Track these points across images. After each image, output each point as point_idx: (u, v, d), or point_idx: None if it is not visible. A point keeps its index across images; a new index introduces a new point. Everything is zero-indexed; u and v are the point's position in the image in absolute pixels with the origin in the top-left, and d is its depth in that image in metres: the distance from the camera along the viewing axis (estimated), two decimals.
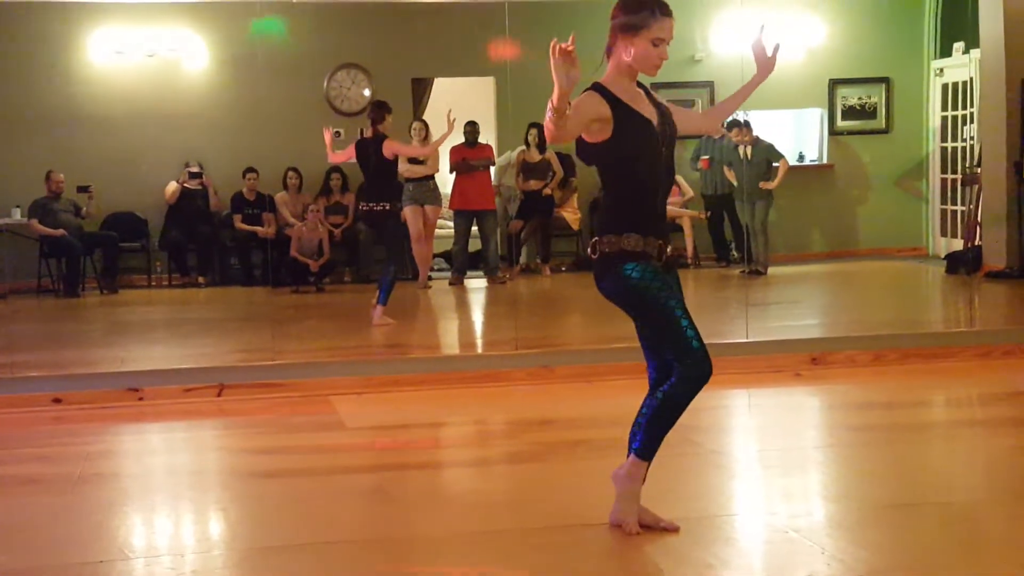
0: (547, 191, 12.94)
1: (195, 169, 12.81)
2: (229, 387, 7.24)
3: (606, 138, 4.19)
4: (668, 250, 4.28)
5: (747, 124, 12.33)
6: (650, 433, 4.24)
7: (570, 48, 3.79)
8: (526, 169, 12.94)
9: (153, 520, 4.90)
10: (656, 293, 4.15)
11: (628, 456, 4.30)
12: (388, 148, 9.41)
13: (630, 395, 4.43)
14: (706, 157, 13.03)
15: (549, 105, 3.87)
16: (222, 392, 7.22)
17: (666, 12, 4.19)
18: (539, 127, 12.74)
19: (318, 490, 5.21)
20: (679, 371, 4.15)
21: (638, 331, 4.38)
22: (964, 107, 13.44)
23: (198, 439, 6.56)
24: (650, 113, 4.25)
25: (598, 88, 4.21)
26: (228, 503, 5.13)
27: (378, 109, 9.61)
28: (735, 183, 12.64)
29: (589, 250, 4.29)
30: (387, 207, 9.44)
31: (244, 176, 12.82)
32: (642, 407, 4.28)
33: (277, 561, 4.23)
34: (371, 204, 9.47)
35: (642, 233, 4.19)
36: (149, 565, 4.24)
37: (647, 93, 4.33)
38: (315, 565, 4.16)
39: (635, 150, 4.20)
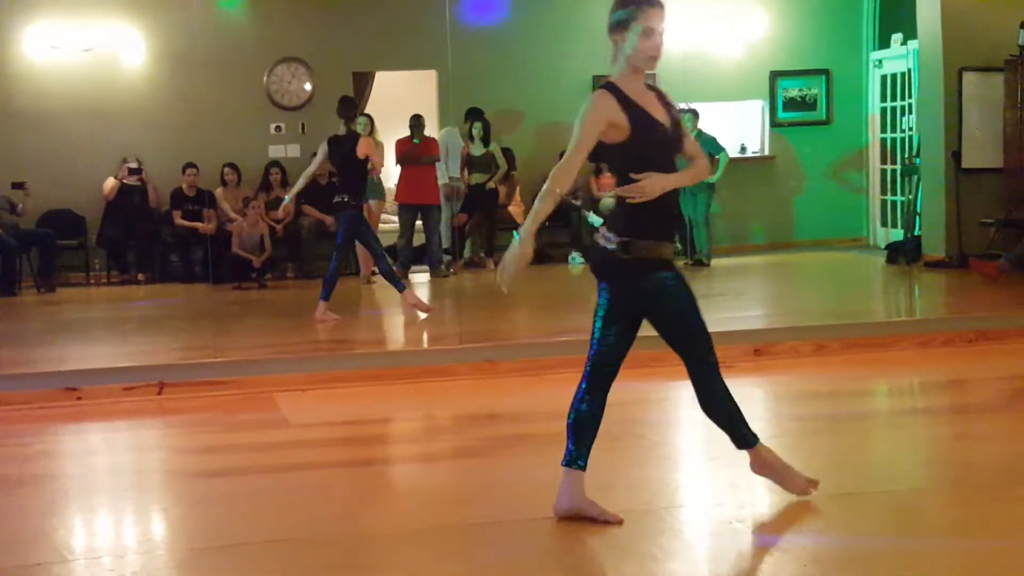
0: (491, 185, 12.92)
1: (134, 165, 12.66)
2: (170, 385, 7.16)
3: (622, 140, 4.18)
4: None
5: (694, 113, 12.33)
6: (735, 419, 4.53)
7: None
8: (470, 163, 12.91)
9: (93, 521, 4.84)
10: (693, 301, 4.32)
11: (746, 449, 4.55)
12: (362, 149, 9.41)
13: (574, 388, 4.41)
14: None
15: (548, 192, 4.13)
16: (163, 390, 7.13)
17: (654, 2, 4.18)
18: (483, 120, 12.71)
19: (262, 489, 5.16)
20: (709, 361, 4.41)
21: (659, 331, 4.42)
22: (903, 98, 13.58)
23: (139, 438, 6.47)
24: (662, 116, 4.25)
25: (611, 89, 4.19)
26: (170, 503, 5.08)
27: (350, 107, 9.64)
28: None
29: (618, 249, 4.20)
30: (349, 201, 9.38)
31: (184, 172, 12.69)
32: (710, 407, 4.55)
33: (220, 561, 4.19)
34: (341, 198, 9.43)
35: (671, 240, 4.37)
36: (89, 567, 4.18)
37: (659, 95, 4.32)
38: (259, 565, 4.12)
39: (648, 154, 4.20)
